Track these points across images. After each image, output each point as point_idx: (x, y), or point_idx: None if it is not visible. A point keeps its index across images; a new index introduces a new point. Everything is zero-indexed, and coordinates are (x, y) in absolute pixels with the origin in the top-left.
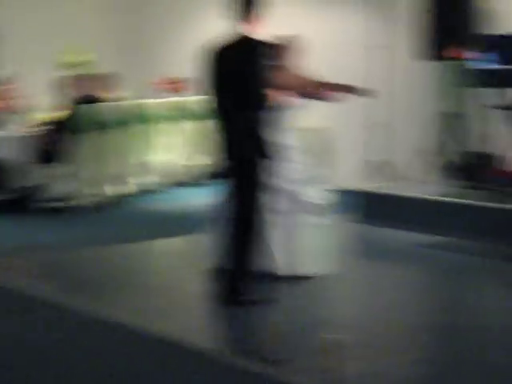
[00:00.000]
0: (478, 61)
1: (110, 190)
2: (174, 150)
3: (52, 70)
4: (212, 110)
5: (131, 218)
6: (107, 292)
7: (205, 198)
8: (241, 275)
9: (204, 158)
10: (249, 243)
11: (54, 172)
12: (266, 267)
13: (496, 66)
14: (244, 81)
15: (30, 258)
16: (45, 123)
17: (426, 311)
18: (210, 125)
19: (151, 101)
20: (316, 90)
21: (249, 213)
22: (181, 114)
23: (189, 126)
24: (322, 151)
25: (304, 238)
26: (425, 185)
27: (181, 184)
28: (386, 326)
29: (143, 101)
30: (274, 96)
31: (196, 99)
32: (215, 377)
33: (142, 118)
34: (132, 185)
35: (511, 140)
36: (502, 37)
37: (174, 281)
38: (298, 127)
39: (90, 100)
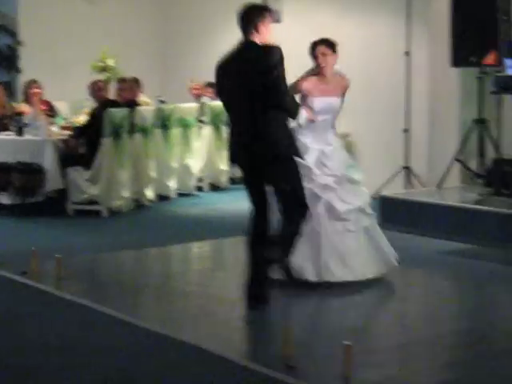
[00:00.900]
0: None
1: (149, 193)
2: (209, 154)
3: (84, 73)
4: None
5: (168, 222)
6: (135, 296)
7: (241, 202)
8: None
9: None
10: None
11: (88, 175)
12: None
13: None
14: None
15: (61, 260)
16: (76, 127)
17: (451, 318)
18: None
19: (188, 105)
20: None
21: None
22: (210, 118)
23: (213, 130)
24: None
25: (334, 244)
26: (452, 191)
27: (219, 188)
28: (412, 333)
29: (182, 105)
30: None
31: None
32: (236, 383)
33: (180, 121)
34: (171, 188)
35: None
36: None
37: (204, 286)
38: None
39: (129, 104)
